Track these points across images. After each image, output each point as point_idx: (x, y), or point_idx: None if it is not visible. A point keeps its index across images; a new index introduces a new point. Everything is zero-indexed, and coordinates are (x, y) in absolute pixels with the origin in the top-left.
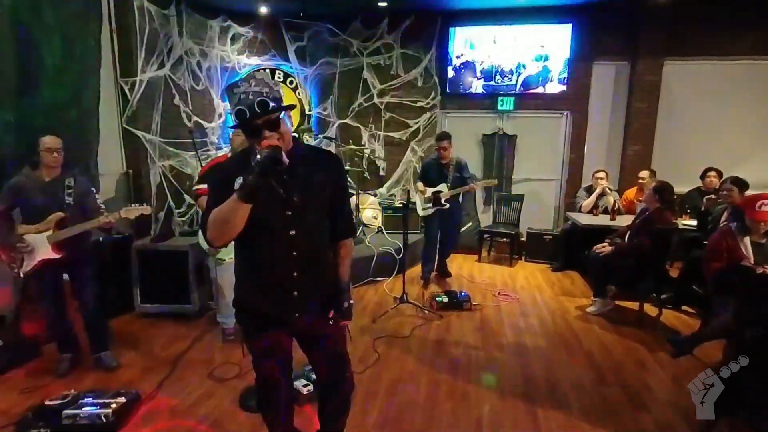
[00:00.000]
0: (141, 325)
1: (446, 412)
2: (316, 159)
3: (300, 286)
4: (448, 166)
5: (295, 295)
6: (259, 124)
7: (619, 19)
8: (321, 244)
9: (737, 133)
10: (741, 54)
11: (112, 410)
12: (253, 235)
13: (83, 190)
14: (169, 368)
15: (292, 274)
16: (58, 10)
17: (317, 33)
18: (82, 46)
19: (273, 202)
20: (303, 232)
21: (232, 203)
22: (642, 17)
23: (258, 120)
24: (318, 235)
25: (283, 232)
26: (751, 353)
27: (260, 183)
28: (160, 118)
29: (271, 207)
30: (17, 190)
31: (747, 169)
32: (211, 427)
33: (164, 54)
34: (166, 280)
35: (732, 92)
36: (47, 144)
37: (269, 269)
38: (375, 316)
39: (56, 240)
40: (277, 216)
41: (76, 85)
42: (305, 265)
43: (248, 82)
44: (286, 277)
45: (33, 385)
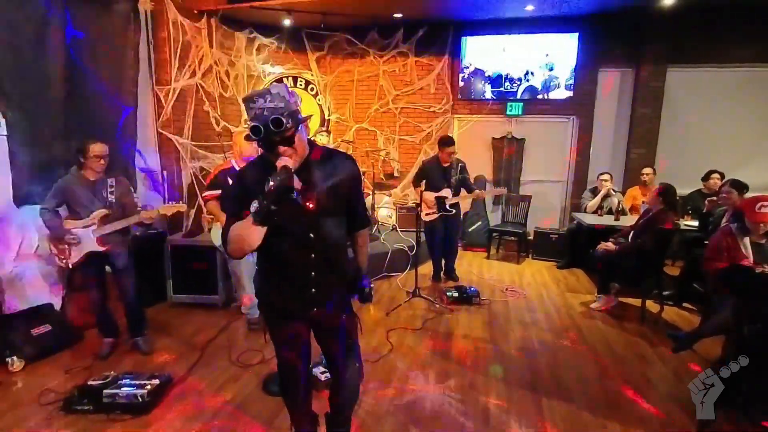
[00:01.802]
0: (173, 313)
1: (455, 401)
2: (331, 162)
3: (317, 284)
4: (450, 169)
5: (312, 292)
6: (274, 140)
7: (623, 29)
8: (338, 245)
9: (738, 138)
10: (742, 61)
11: (147, 391)
12: (273, 238)
13: (123, 190)
14: (198, 354)
15: (311, 273)
16: (102, 24)
17: (336, 43)
18: (122, 58)
19: (291, 210)
20: (320, 235)
21: (248, 225)
22: (646, 26)
23: (273, 137)
24: (335, 236)
25: (301, 236)
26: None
27: (273, 210)
28: (191, 123)
29: (290, 214)
30: (66, 189)
31: (747, 172)
32: (236, 408)
33: (196, 64)
34: (196, 273)
35: (733, 98)
36: (96, 151)
37: (289, 269)
38: (389, 308)
39: (100, 234)
40: (296, 221)
41: (117, 94)
42: (323, 265)
43: (264, 97)
44: (305, 277)
45: (78, 366)
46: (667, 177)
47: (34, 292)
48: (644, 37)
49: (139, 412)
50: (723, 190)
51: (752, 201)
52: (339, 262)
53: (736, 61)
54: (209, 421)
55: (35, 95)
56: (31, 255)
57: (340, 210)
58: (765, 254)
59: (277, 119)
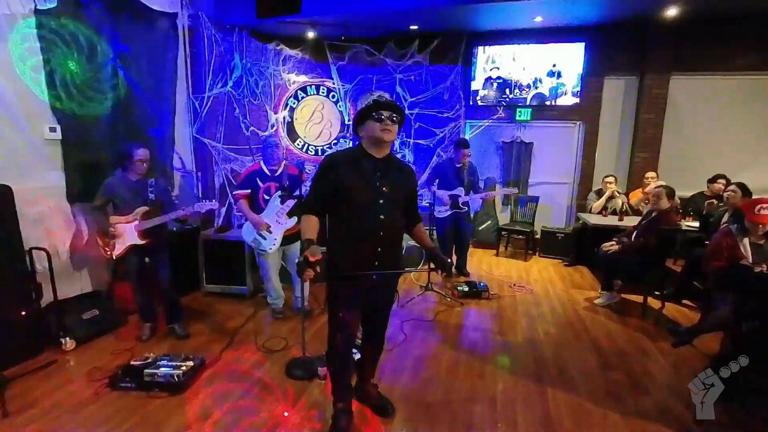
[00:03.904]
0: (206, 302)
1: (464, 388)
2: (400, 167)
3: (381, 258)
4: (464, 170)
5: (376, 264)
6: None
7: (628, 38)
8: (400, 228)
9: (738, 143)
10: (743, 70)
11: (183, 372)
12: (352, 214)
13: (162, 189)
14: (228, 339)
15: (377, 248)
16: (145, 39)
17: (356, 53)
18: (163, 69)
19: (370, 192)
20: (388, 218)
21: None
22: (650, 36)
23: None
24: (398, 221)
25: (375, 215)
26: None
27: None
28: (223, 128)
29: (369, 196)
30: (111, 188)
31: (748, 177)
32: (261, 390)
33: (228, 74)
34: (226, 265)
35: (734, 105)
36: (140, 156)
37: (360, 241)
38: (403, 301)
39: (142, 229)
40: (372, 203)
41: (158, 102)
42: (387, 242)
43: (380, 93)
44: (373, 249)
45: (121, 348)
46: (668, 179)
47: (84, 280)
48: (648, 47)
49: (175, 391)
50: (729, 189)
51: (752, 203)
52: (398, 243)
53: (736, 70)
54: (237, 401)
55: (86, 104)
56: (81, 247)
57: (402, 203)
58: (763, 254)
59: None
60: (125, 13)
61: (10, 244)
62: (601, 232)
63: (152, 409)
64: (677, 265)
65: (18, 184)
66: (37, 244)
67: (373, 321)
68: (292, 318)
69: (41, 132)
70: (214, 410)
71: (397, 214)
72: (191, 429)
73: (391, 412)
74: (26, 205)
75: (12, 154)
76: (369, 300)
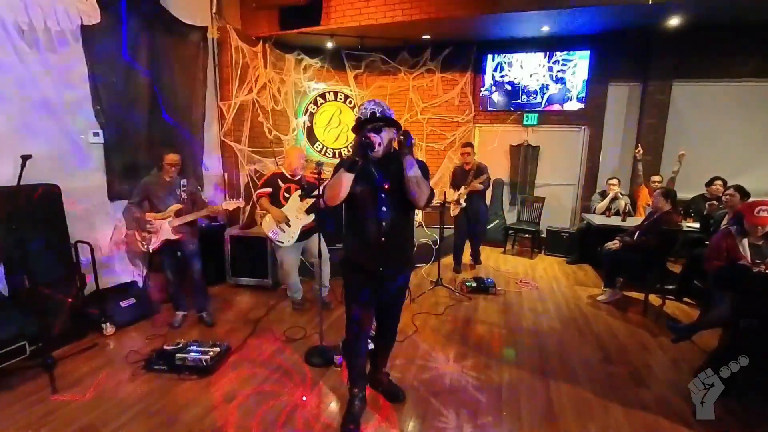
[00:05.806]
0: (231, 293)
1: (472, 379)
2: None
3: (386, 248)
4: (470, 172)
5: (382, 257)
6: (367, 128)
7: (632, 46)
8: (404, 221)
9: (738, 147)
10: (743, 77)
11: (210, 357)
12: (358, 210)
13: (193, 189)
14: (252, 328)
15: (381, 239)
16: (179, 51)
17: (372, 62)
18: (193, 78)
19: (372, 188)
20: (391, 211)
21: (340, 173)
22: (653, 44)
23: (367, 124)
24: (402, 214)
25: (377, 209)
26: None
27: (357, 160)
28: (248, 132)
29: (370, 191)
30: (147, 188)
31: (748, 180)
32: (282, 375)
33: (252, 82)
34: (250, 260)
35: (734, 111)
36: (169, 160)
37: (366, 234)
38: (414, 296)
39: (175, 225)
40: (374, 197)
41: (189, 108)
42: (391, 235)
43: (371, 102)
44: (377, 241)
45: (155, 334)
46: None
47: (123, 271)
48: (651, 54)
49: (203, 374)
50: (727, 192)
51: (751, 205)
52: (404, 236)
53: (737, 76)
54: (259, 385)
55: (125, 111)
56: (121, 241)
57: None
58: (762, 255)
59: (373, 112)
60: (161, 28)
61: (58, 238)
62: (604, 231)
63: (182, 389)
64: (678, 264)
65: (65, 184)
66: (82, 238)
67: (386, 315)
68: (310, 309)
69: (86, 137)
70: (238, 393)
71: (399, 206)
72: (217, 409)
73: (401, 399)
74: (72, 202)
75: (60, 156)
76: (381, 296)
